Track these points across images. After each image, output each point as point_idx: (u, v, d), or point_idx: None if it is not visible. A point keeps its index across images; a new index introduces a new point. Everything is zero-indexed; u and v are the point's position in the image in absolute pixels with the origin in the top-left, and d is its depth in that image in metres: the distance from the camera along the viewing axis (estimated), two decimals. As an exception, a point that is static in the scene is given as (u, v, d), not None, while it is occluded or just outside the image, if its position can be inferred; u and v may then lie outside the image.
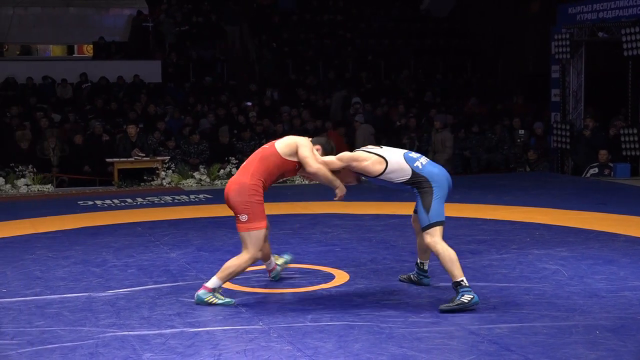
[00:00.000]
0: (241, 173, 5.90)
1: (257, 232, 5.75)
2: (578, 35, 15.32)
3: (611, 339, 4.90)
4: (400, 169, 5.77)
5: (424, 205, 5.69)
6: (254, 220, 5.73)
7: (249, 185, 5.77)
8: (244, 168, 5.93)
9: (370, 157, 5.86)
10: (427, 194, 5.70)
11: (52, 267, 7.18)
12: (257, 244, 5.77)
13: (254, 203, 5.74)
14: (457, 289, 5.58)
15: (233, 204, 5.78)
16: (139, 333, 5.16)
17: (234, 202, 5.78)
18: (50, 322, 5.44)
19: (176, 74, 19.63)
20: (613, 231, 8.45)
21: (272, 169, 5.87)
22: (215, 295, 5.81)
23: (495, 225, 8.93)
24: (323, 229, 8.94)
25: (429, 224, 5.68)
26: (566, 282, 6.34)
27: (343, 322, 5.31)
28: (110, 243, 8.27)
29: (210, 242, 8.26)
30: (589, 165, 14.19)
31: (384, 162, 5.80)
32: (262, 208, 5.81)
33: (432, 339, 4.93)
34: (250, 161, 5.97)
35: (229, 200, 5.82)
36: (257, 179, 5.81)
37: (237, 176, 5.92)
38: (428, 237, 5.70)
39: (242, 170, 5.92)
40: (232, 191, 5.80)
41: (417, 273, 6.34)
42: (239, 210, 5.74)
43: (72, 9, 22.55)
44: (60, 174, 14.24)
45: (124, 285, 6.46)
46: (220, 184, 13.29)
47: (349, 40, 21.78)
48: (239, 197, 5.75)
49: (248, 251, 5.77)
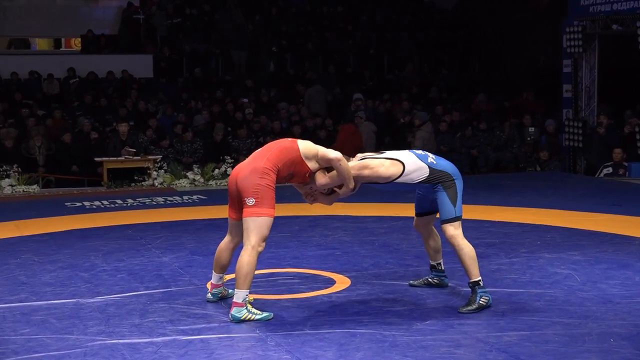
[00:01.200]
0: (254, 157, 5.67)
1: (262, 219, 5.47)
2: (591, 28, 15.32)
3: (626, 347, 4.90)
4: (419, 167, 5.83)
5: (451, 199, 5.80)
6: (261, 206, 5.46)
7: (262, 167, 5.53)
8: (259, 154, 5.69)
9: (382, 162, 5.83)
10: (452, 188, 5.84)
11: (38, 272, 7.17)
12: (260, 233, 5.48)
13: (264, 187, 5.49)
14: (475, 289, 5.70)
15: (241, 186, 5.52)
16: (130, 341, 5.15)
17: (242, 185, 5.52)
18: (36, 329, 5.43)
19: (168, 69, 19.63)
20: (628, 234, 8.45)
21: (288, 163, 5.63)
22: (249, 310, 5.54)
23: (504, 227, 8.92)
24: (323, 231, 8.94)
25: (456, 216, 5.81)
26: (579, 287, 6.33)
27: (344, 329, 5.31)
28: (99, 247, 8.27)
29: (205, 245, 8.25)
30: (602, 164, 14.20)
31: (400, 164, 5.81)
32: (273, 195, 5.55)
33: (438, 348, 4.93)
34: (267, 149, 5.72)
35: (237, 183, 5.58)
36: (273, 164, 5.57)
37: (249, 160, 5.68)
38: (451, 230, 5.79)
39: (255, 156, 5.69)
40: (242, 172, 5.57)
41: (435, 275, 6.40)
42: (248, 193, 5.48)
43: (60, 1, 22.55)
44: (47, 174, 14.25)
45: (113, 291, 6.46)
46: (214, 185, 13.30)
47: (350, 33, 21.78)
48: (248, 179, 5.50)
49: (249, 241, 5.49)
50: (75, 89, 18.35)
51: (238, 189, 5.60)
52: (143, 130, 15.28)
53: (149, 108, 17.16)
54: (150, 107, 17.27)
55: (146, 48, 20.46)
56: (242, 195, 5.54)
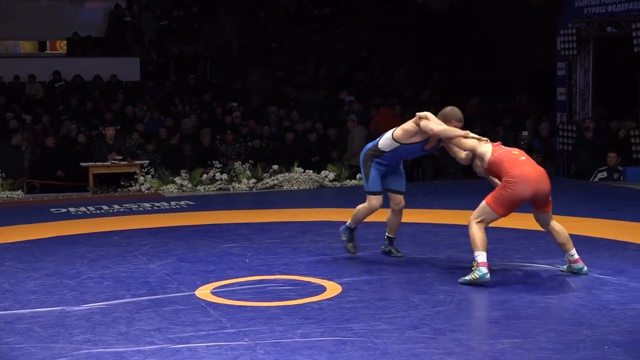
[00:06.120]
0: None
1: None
2: (585, 30, 15.37)
3: (621, 354, 4.92)
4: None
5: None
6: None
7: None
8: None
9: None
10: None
11: (23, 280, 7.16)
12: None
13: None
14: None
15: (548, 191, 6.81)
16: (116, 350, 5.15)
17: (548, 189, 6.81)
18: (20, 338, 5.42)
19: (156, 72, 19.62)
20: (623, 239, 8.49)
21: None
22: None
23: (497, 233, 8.92)
24: (313, 237, 8.94)
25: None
26: (573, 293, 6.36)
27: (335, 337, 5.32)
28: (85, 253, 8.25)
29: (192, 252, 8.25)
30: (593, 169, 14.22)
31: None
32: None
33: (430, 356, 4.94)
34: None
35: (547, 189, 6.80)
36: None
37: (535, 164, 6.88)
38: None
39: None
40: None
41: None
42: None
43: (45, 2, 22.52)
44: (32, 180, 14.21)
45: (99, 298, 6.45)
46: (202, 190, 13.27)
47: (340, 35, 21.78)
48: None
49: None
50: (61, 92, 18.31)
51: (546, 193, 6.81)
52: (130, 135, 15.26)
53: (136, 112, 17.14)
54: (138, 111, 17.26)
55: (133, 51, 20.44)
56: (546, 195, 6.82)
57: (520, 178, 6.62)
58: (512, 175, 6.64)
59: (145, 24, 20.98)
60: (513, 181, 6.61)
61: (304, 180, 13.51)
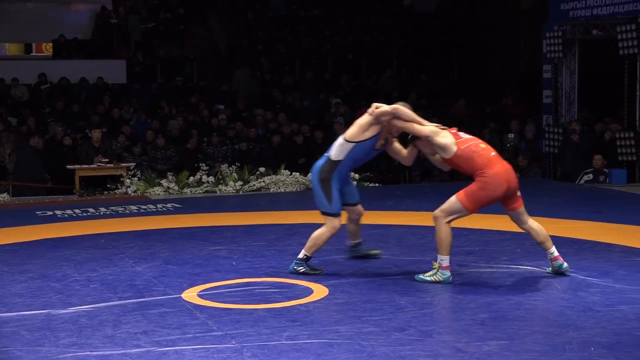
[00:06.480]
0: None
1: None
2: (571, 33, 15.45)
3: (607, 356, 4.94)
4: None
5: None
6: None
7: None
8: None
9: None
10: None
11: (8, 283, 7.14)
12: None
13: None
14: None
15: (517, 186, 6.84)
16: (102, 353, 5.14)
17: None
18: (5, 342, 5.40)
19: (142, 74, 19.58)
20: (609, 241, 8.52)
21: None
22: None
23: (483, 235, 8.96)
24: (300, 240, 8.88)
25: None
26: (559, 295, 6.38)
27: (321, 339, 5.32)
28: (71, 256, 8.23)
29: (179, 254, 8.24)
30: (577, 172, 14.28)
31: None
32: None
33: (417, 358, 4.95)
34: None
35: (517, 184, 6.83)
36: None
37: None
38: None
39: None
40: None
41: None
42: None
43: (30, 4, 22.40)
44: (17, 182, 14.16)
45: (85, 301, 6.43)
46: (189, 192, 13.25)
47: (327, 37, 21.80)
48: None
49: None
50: (47, 95, 18.26)
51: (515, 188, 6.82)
52: (116, 137, 15.23)
53: (123, 115, 17.11)
54: (124, 113, 17.22)
55: (119, 53, 20.41)
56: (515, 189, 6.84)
57: (495, 177, 6.62)
58: (488, 175, 6.63)
59: (132, 26, 20.94)
60: (489, 181, 6.61)
61: (290, 182, 13.52)
